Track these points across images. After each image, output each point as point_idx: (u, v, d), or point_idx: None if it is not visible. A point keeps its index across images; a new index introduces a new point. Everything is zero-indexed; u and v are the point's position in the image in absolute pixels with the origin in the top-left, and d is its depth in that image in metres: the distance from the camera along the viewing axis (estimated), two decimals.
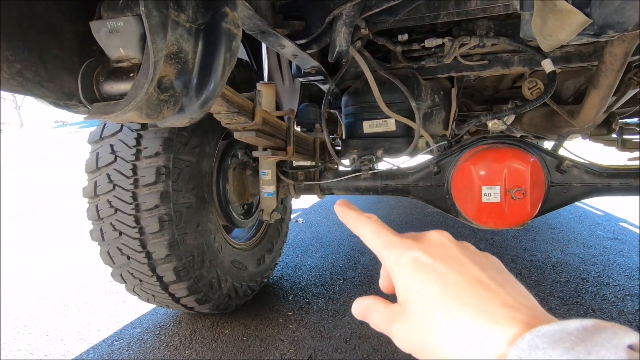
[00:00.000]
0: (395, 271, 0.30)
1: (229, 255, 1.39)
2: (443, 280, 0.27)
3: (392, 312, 0.30)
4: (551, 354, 0.20)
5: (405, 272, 0.29)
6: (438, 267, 0.28)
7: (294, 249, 2.25)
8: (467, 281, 0.27)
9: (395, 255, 0.30)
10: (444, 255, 0.29)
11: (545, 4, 0.56)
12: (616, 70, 1.21)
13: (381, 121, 1.47)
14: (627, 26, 0.54)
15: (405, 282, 0.29)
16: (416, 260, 0.29)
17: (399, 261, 0.30)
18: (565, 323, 0.22)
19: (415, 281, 0.28)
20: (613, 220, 2.60)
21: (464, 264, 0.28)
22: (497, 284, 0.27)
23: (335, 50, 1.06)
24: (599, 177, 1.17)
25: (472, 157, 1.20)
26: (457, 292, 0.26)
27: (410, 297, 0.28)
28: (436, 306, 0.26)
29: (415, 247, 0.30)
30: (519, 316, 0.24)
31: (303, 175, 1.42)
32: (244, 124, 0.93)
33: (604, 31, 0.56)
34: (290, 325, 1.38)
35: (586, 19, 0.53)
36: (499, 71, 1.46)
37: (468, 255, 0.30)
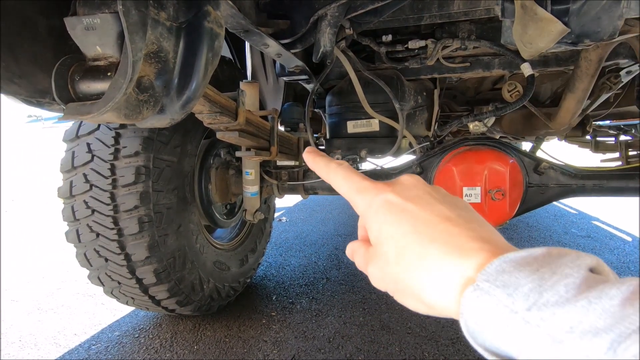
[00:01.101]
0: (367, 214, 0.30)
1: (212, 256, 1.37)
2: (413, 219, 0.28)
3: (369, 254, 0.31)
4: (517, 275, 0.21)
5: (377, 214, 0.30)
6: (408, 206, 0.29)
7: (278, 248, 2.24)
8: (436, 218, 0.28)
9: (367, 199, 0.31)
10: (414, 196, 0.30)
11: (526, 12, 0.57)
12: (591, 75, 1.25)
13: (365, 121, 1.48)
14: (603, 36, 0.56)
15: (377, 223, 0.29)
16: (388, 202, 0.29)
17: (371, 204, 0.30)
18: (531, 250, 0.23)
19: (387, 222, 0.29)
20: (586, 218, 2.70)
21: (434, 203, 0.29)
22: (465, 221, 0.28)
23: (320, 50, 1.06)
24: (574, 179, 1.21)
25: (454, 158, 1.22)
26: (427, 229, 0.27)
27: (382, 237, 0.29)
28: (407, 244, 0.27)
29: (387, 190, 0.30)
30: (487, 247, 0.25)
31: (287, 175, 1.41)
32: (226, 123, 0.92)
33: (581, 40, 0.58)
34: (274, 326, 1.37)
35: (565, 28, 0.55)
36: (480, 73, 1.48)
37: (438, 196, 0.30)
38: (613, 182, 1.18)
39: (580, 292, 0.19)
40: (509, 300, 0.20)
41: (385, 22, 1.27)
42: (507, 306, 0.20)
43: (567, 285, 0.20)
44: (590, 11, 0.53)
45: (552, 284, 0.20)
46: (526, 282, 0.21)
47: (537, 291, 0.20)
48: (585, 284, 0.20)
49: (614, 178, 1.18)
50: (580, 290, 0.19)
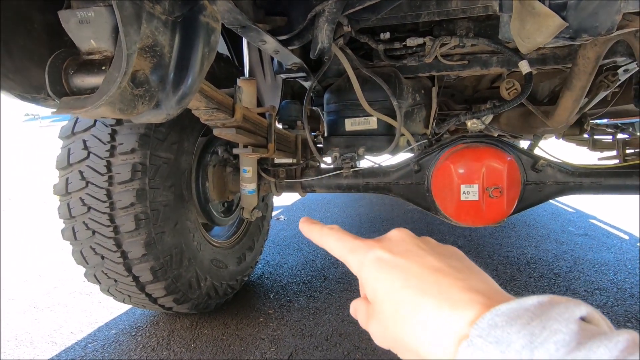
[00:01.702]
0: (361, 273, 0.31)
1: (209, 254, 1.36)
2: (404, 274, 0.28)
3: (369, 312, 0.31)
4: (509, 330, 0.21)
5: (369, 272, 0.30)
6: (399, 262, 0.29)
7: (276, 246, 2.23)
8: (426, 271, 0.28)
9: (359, 258, 0.31)
10: (404, 250, 0.30)
11: (524, 6, 0.57)
12: (589, 73, 1.25)
13: (363, 119, 1.48)
14: (601, 30, 0.56)
15: (371, 281, 0.30)
16: (378, 259, 0.30)
17: (363, 263, 0.31)
18: (522, 300, 0.23)
19: (379, 279, 0.29)
20: (584, 217, 2.70)
21: (423, 256, 0.29)
22: (455, 271, 0.28)
23: (317, 47, 1.05)
24: (572, 176, 1.21)
25: (452, 155, 1.22)
26: (418, 282, 0.27)
27: (377, 295, 0.29)
28: (400, 299, 0.27)
29: (377, 247, 0.31)
30: (478, 298, 0.25)
31: (284, 173, 1.41)
32: (223, 120, 0.91)
33: (579, 35, 0.57)
34: (271, 324, 1.37)
35: (563, 22, 0.55)
36: (478, 71, 1.48)
37: (427, 247, 0.31)
38: (611, 180, 1.18)
39: (569, 350, 0.19)
40: (502, 358, 0.20)
41: (383, 19, 1.26)
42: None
43: (556, 343, 0.20)
44: (588, 6, 0.53)
45: (542, 341, 0.20)
46: (517, 337, 0.21)
47: (529, 348, 0.20)
48: (575, 340, 0.20)
49: (612, 176, 1.18)
50: (570, 349, 0.19)
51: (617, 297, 1.47)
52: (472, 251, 2.03)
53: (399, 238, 0.32)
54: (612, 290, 1.52)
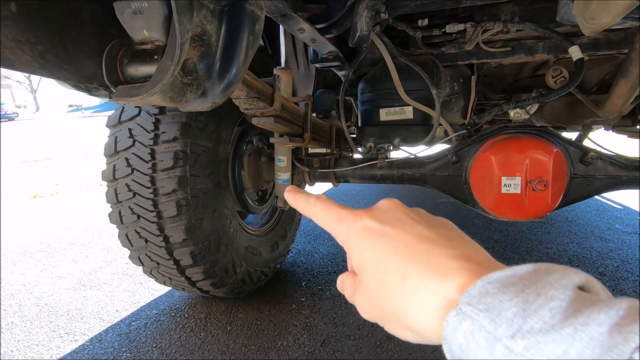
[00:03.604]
0: (347, 243, 0.30)
1: (244, 241, 1.40)
2: (392, 242, 0.27)
3: (355, 283, 0.30)
4: (501, 298, 0.20)
5: (356, 241, 0.29)
6: (387, 230, 0.28)
7: (307, 236, 2.26)
8: (415, 239, 0.27)
9: (346, 227, 0.30)
10: (392, 219, 0.29)
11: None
12: None
13: (398, 109, 1.45)
14: None
15: (357, 251, 0.29)
16: (365, 228, 0.29)
17: (349, 232, 0.30)
18: (517, 268, 0.22)
19: (366, 247, 0.28)
20: (632, 214, 2.53)
21: (413, 225, 0.28)
22: (445, 239, 0.27)
23: (357, 35, 1.04)
24: (625, 170, 1.13)
25: (493, 147, 1.18)
26: (406, 251, 0.26)
27: (363, 264, 0.28)
28: (387, 268, 0.26)
29: (365, 216, 0.30)
30: (469, 266, 0.24)
31: (318, 163, 1.41)
32: (262, 109, 0.93)
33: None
34: (304, 311, 1.39)
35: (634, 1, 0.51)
36: (522, 58, 1.41)
37: (417, 217, 0.30)
38: None
39: (566, 317, 0.18)
40: (491, 326, 0.19)
41: (421, 5, 1.22)
42: (490, 332, 0.19)
43: (552, 310, 0.18)
44: None
45: (537, 307, 0.19)
46: (509, 305, 0.19)
47: (521, 316, 0.19)
48: (572, 307, 0.19)
49: None
50: (567, 315, 0.18)
51: None
52: (508, 246, 1.96)
53: (388, 207, 0.31)
54: None
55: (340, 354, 1.14)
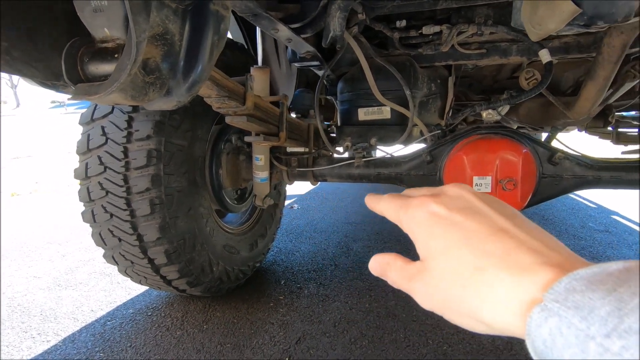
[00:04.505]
0: (412, 229, 0.29)
1: (221, 240, 1.40)
2: (463, 232, 0.26)
3: (413, 269, 0.29)
4: (591, 296, 0.19)
5: (422, 227, 0.28)
6: (456, 218, 0.27)
7: (288, 234, 2.26)
8: (489, 230, 0.26)
9: (410, 213, 0.30)
10: (462, 207, 0.28)
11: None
12: (613, 62, 1.20)
13: (376, 109, 1.47)
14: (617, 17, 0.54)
15: (423, 238, 0.28)
16: (433, 214, 0.28)
17: (414, 217, 0.29)
18: (605, 265, 0.21)
19: (434, 236, 0.27)
20: (605, 212, 2.62)
21: (484, 214, 0.27)
22: (522, 231, 0.26)
23: (329, 35, 1.05)
24: (590, 170, 1.17)
25: (465, 147, 1.20)
26: (480, 242, 0.25)
27: (431, 252, 0.27)
28: (458, 259, 0.25)
29: (431, 202, 0.29)
30: (551, 261, 0.23)
31: (296, 162, 1.42)
32: (235, 108, 0.93)
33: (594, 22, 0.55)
34: (281, 309, 1.40)
35: (576, 8, 0.53)
36: (496, 60, 1.44)
37: (488, 205, 0.28)
38: (632, 175, 1.14)
39: None
40: (583, 324, 0.19)
41: (399, 6, 1.24)
42: (582, 330, 0.18)
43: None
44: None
45: (634, 307, 0.18)
46: (602, 304, 0.19)
47: (617, 315, 0.18)
48: None
49: (633, 170, 1.14)
50: None
51: None
52: None
53: (456, 193, 0.30)
54: None
55: (315, 350, 1.15)
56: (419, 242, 0.28)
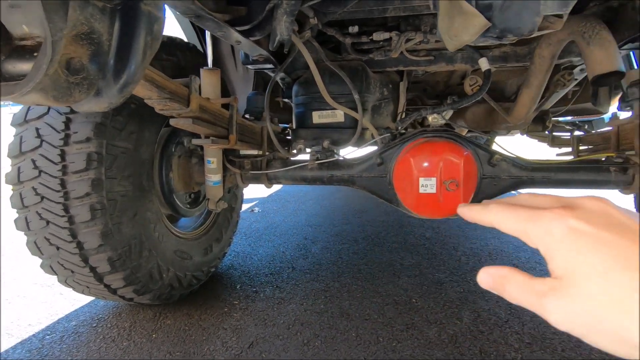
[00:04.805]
0: (547, 244, 0.27)
1: (172, 245, 1.36)
2: (614, 251, 0.25)
3: (543, 287, 0.27)
4: None
5: (564, 244, 0.26)
6: (603, 235, 0.25)
7: (247, 238, 2.24)
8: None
9: (544, 227, 0.28)
10: (608, 223, 0.26)
11: (453, 5, 0.59)
12: (544, 71, 1.30)
13: (330, 112, 1.49)
14: (524, 31, 0.59)
15: (565, 255, 0.26)
16: (574, 230, 0.26)
17: (552, 233, 0.27)
18: None
19: (581, 253, 0.25)
20: None
21: (635, 231, 0.25)
22: None
23: (276, 39, 1.05)
24: (525, 171, 1.26)
25: (412, 149, 1.25)
26: (635, 263, 0.23)
27: (577, 271, 0.25)
28: (612, 280, 0.24)
29: (569, 216, 0.27)
30: None
31: (250, 164, 1.41)
32: (178, 110, 0.91)
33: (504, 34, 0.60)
34: (235, 314, 1.38)
35: (487, 22, 0.57)
36: (443, 67, 1.51)
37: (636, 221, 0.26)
38: (560, 175, 1.23)
39: None
40: None
41: (351, 13, 1.27)
42: None
43: None
44: (512, 7, 0.55)
45: None
46: None
47: None
48: None
49: (561, 171, 1.23)
50: None
51: None
52: (438, 243, 2.09)
53: (599, 208, 0.28)
54: None
55: (268, 354, 1.15)
56: (558, 259, 0.27)
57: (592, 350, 1.12)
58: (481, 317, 1.33)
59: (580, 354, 1.11)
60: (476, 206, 0.35)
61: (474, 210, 0.35)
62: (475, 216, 0.35)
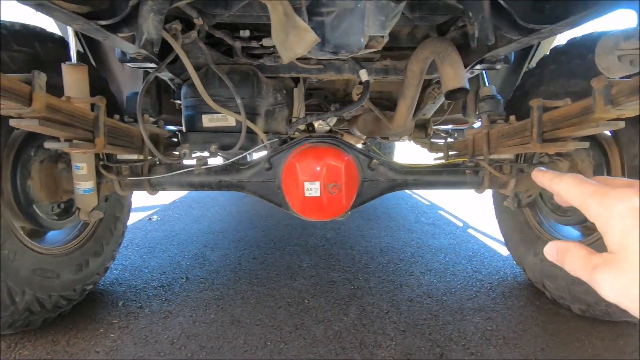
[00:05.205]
0: (606, 219, 0.29)
1: (30, 263, 1.18)
2: None
3: (599, 260, 0.29)
4: None
5: (623, 220, 0.28)
6: None
7: (139, 249, 2.06)
8: None
9: (606, 204, 0.29)
10: None
11: (289, 20, 0.63)
12: (416, 85, 1.44)
13: (221, 116, 1.46)
14: (353, 49, 0.65)
15: (622, 230, 0.28)
16: (636, 210, 0.27)
17: (613, 209, 0.28)
18: None
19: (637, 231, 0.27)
20: (435, 208, 3.16)
21: None
22: None
23: (143, 38, 0.99)
24: (399, 174, 1.39)
25: (298, 154, 1.29)
26: None
27: (632, 246, 0.27)
28: None
29: (633, 196, 0.28)
30: None
31: (128, 170, 1.30)
32: (18, 110, 0.80)
33: (339, 50, 0.66)
34: (112, 334, 1.26)
35: (316, 37, 0.62)
36: (333, 76, 1.58)
37: None
38: (427, 177, 1.39)
39: None
40: None
41: (240, 16, 1.26)
42: None
43: None
44: (340, 26, 0.61)
45: None
46: None
47: None
48: None
49: (428, 174, 1.39)
50: None
51: (441, 275, 1.74)
52: (337, 243, 2.18)
53: None
54: (440, 270, 1.81)
55: None
56: (614, 234, 0.28)
57: (458, 331, 1.28)
58: (365, 311, 1.42)
59: (443, 335, 1.26)
60: (550, 173, 0.37)
61: (547, 176, 0.37)
62: (546, 182, 0.37)
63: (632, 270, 0.27)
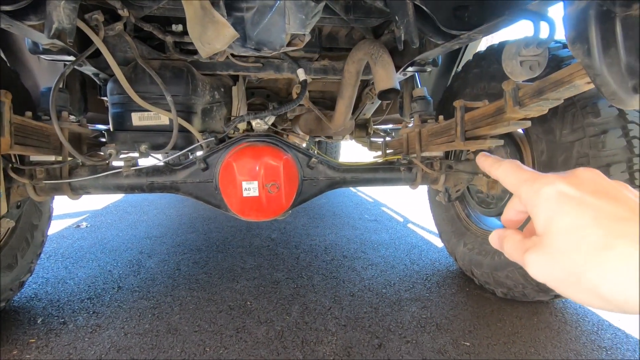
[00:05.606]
0: (534, 202, 0.30)
1: None
2: (594, 212, 0.27)
3: (529, 243, 0.30)
4: None
5: (548, 204, 0.29)
6: (587, 199, 0.28)
7: (64, 259, 1.88)
8: (623, 213, 0.26)
9: (534, 188, 0.30)
10: (594, 190, 0.28)
11: (206, 14, 0.62)
12: (353, 85, 1.48)
13: (153, 114, 1.38)
14: (276, 45, 0.65)
15: (547, 214, 0.29)
16: (562, 194, 0.29)
17: (539, 193, 0.30)
18: None
19: (562, 213, 0.28)
20: (377, 205, 3.27)
21: (620, 198, 0.28)
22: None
23: (53, 27, 0.91)
24: (337, 172, 1.41)
25: (235, 153, 1.26)
26: (612, 223, 0.26)
27: (554, 227, 0.28)
28: (586, 237, 0.26)
29: (559, 181, 0.29)
30: None
31: (44, 173, 1.18)
32: None
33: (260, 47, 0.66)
34: (28, 356, 1.13)
35: (235, 33, 0.61)
36: (272, 75, 1.57)
37: (622, 189, 0.29)
38: (365, 175, 1.43)
39: None
40: None
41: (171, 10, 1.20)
42: None
43: None
44: (261, 23, 0.61)
45: None
46: None
47: None
48: None
49: (365, 171, 1.43)
50: None
51: (382, 269, 1.81)
52: (281, 243, 2.17)
53: (588, 178, 0.30)
54: (380, 264, 1.88)
55: None
56: (541, 217, 0.29)
57: (396, 321, 1.34)
58: (308, 308, 1.43)
59: (382, 326, 1.31)
60: (492, 158, 0.38)
61: (488, 161, 0.38)
62: (487, 167, 0.38)
63: (554, 251, 0.28)
